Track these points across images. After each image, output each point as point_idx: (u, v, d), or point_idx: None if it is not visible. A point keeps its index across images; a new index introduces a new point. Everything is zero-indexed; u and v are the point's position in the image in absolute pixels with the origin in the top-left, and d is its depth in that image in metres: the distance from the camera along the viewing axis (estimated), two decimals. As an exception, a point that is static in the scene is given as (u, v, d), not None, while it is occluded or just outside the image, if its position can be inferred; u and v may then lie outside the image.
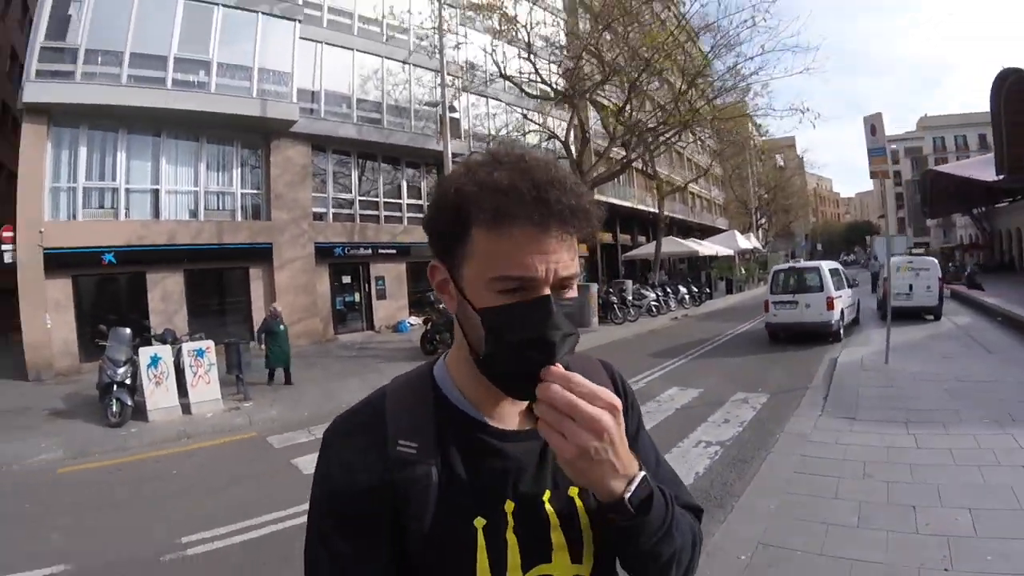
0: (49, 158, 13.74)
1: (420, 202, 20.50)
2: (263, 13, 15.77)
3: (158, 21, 14.34)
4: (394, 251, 19.86)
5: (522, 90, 18.91)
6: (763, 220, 53.32)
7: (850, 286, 15.72)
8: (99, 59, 13.73)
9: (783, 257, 45.49)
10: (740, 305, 25.45)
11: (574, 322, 0.80)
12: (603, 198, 26.68)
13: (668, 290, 22.83)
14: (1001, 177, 33.28)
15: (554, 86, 18.91)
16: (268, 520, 4.98)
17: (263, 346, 11.23)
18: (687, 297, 23.54)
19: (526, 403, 0.81)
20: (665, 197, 28.68)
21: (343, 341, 17.61)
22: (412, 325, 18.36)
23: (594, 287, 18.61)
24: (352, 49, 18.38)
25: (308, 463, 6.47)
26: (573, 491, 0.86)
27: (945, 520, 3.92)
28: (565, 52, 19.53)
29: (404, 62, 18.70)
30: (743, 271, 37.33)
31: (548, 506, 0.85)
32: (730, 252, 33.31)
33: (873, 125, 10.25)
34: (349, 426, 0.87)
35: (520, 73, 18.51)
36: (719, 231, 42.25)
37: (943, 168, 48.05)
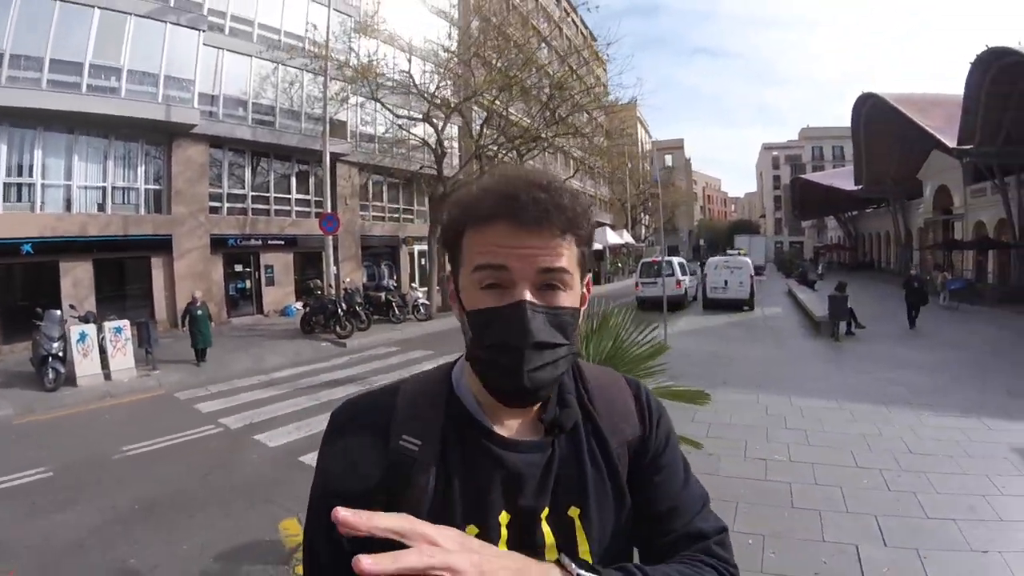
0: (-33, 156, 14.83)
1: (308, 197, 22.49)
2: (171, 23, 17.42)
3: (76, 29, 15.68)
4: (283, 242, 21.68)
5: (391, 111, 20.93)
6: (644, 216, 58.18)
7: (692, 274, 22.16)
8: (21, 63, 14.99)
9: (657, 252, 50.69)
10: (603, 294, 29.00)
11: (565, 333, 0.79)
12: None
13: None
14: (859, 187, 39.07)
15: (433, 94, 20.94)
16: (177, 436, 7.83)
17: (185, 329, 12.98)
18: (547, 285, 27.24)
19: (535, 413, 0.86)
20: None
21: (235, 324, 19.31)
22: (297, 309, 19.56)
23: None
24: (250, 56, 20.13)
25: (207, 407, 9.45)
26: (574, 512, 0.83)
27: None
28: (452, 59, 21.76)
29: (301, 68, 20.16)
30: (615, 264, 41.86)
31: (545, 524, 0.82)
32: (599, 246, 37.29)
33: (652, 159, 14.21)
34: (356, 412, 0.87)
35: (404, 76, 20.51)
36: (606, 224, 46.08)
37: (809, 176, 54.68)
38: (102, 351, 11.32)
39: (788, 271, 40.39)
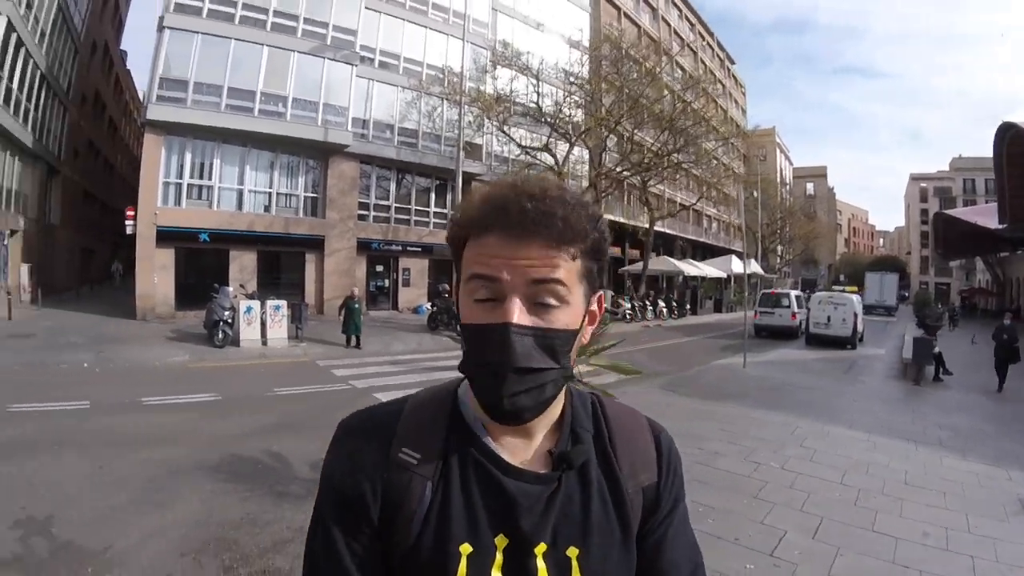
0: (163, 160, 18.34)
1: (445, 211, 24.50)
2: (328, 59, 20.25)
3: (249, 63, 18.89)
4: (420, 249, 23.92)
5: (516, 141, 22.32)
6: (776, 246, 55.38)
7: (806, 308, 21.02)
8: (204, 90, 18.29)
9: (790, 284, 48.46)
10: (718, 323, 28.51)
11: (555, 356, 0.76)
12: (611, 216, 30.50)
13: (647, 302, 26.58)
14: (1003, 226, 34.84)
15: (559, 119, 22.09)
16: (314, 387, 9.80)
17: (341, 317, 15.10)
18: (664, 310, 27.26)
19: (539, 442, 0.85)
20: (667, 218, 32.27)
21: (372, 316, 20.99)
22: (427, 308, 21.00)
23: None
24: (396, 86, 22.68)
25: (341, 372, 11.36)
26: (572, 552, 0.81)
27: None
28: (583, 85, 22.80)
29: (441, 97, 22.10)
30: (739, 294, 40.53)
31: (541, 560, 0.79)
32: (721, 274, 36.51)
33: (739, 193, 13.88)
34: (360, 422, 0.87)
35: (532, 106, 21.91)
36: (738, 253, 44.44)
37: (954, 212, 48.44)
38: (262, 323, 14.13)
39: (921, 315, 36.38)
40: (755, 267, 45.76)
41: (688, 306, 31.41)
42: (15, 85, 19.01)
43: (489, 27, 25.46)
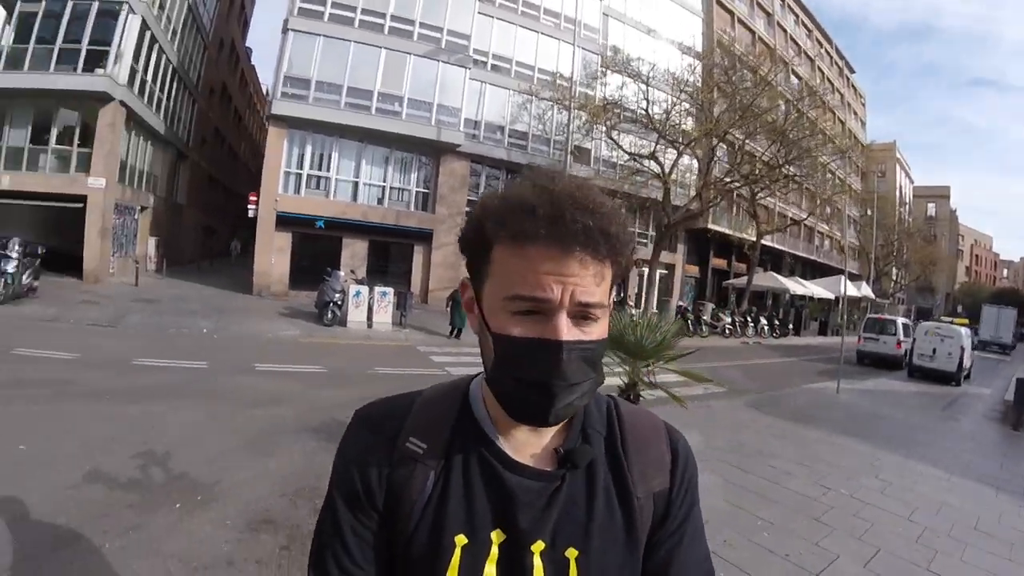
0: (285, 152, 19.70)
1: None
2: (442, 62, 20.91)
3: (367, 64, 19.90)
4: None
5: (623, 148, 22.05)
6: (891, 269, 51.55)
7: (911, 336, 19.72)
8: (325, 88, 19.47)
9: (902, 312, 45.14)
10: (821, 346, 26.64)
11: (595, 367, 0.77)
12: (716, 227, 29.66)
13: (748, 318, 25.57)
14: None
15: (667, 127, 21.52)
16: (412, 369, 10.21)
17: (448, 309, 15.64)
18: (766, 327, 26.13)
19: (549, 440, 0.84)
20: (775, 233, 30.97)
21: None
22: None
23: (673, 302, 22.26)
24: (508, 89, 22.99)
25: (438, 358, 11.73)
26: (571, 553, 0.80)
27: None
28: (694, 92, 22.08)
29: (550, 101, 21.99)
30: (851, 317, 38.03)
31: (538, 559, 0.79)
32: (829, 295, 34.60)
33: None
34: (374, 411, 0.90)
35: (641, 113, 21.45)
36: (850, 275, 41.64)
37: None
38: (369, 307, 14.99)
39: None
40: (866, 290, 43.06)
41: (791, 326, 29.90)
42: (149, 78, 20.90)
43: (600, 32, 25.45)
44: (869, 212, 43.36)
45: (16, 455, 4.85)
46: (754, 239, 28.37)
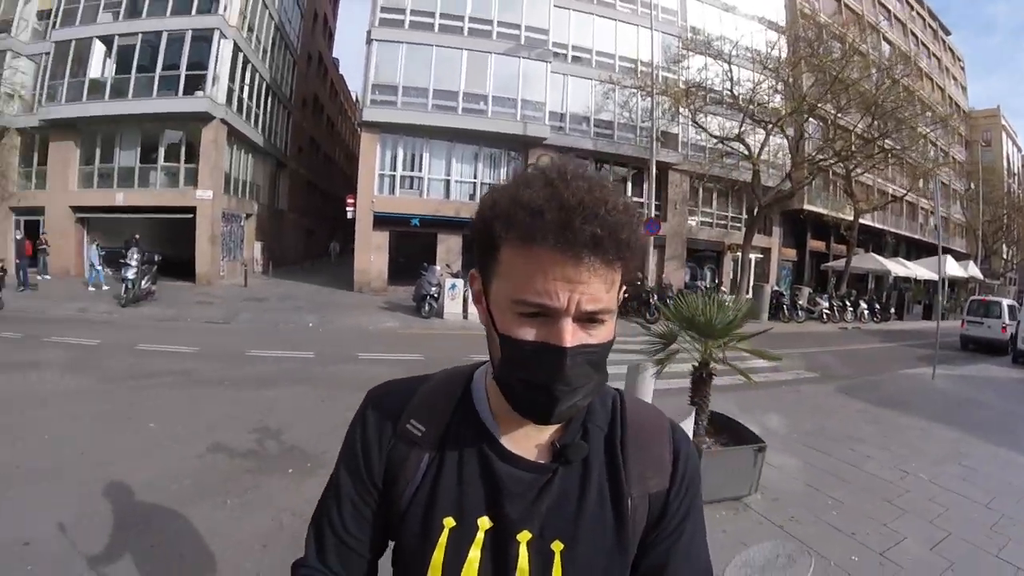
0: (378, 155, 20.60)
1: (641, 200, 23.29)
2: (523, 58, 21.17)
3: (450, 66, 20.46)
4: None
5: (708, 131, 21.52)
6: (1000, 247, 47.75)
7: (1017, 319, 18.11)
8: (412, 93, 20.22)
9: (1013, 294, 41.93)
10: (924, 330, 24.65)
11: (598, 369, 0.77)
12: (812, 208, 28.40)
13: (846, 303, 24.40)
14: None
15: (755, 106, 21.00)
16: None
17: None
18: (866, 312, 24.86)
19: (548, 433, 0.85)
20: (873, 211, 29.40)
21: None
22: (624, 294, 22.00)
23: (767, 287, 21.56)
24: (590, 79, 22.90)
25: None
26: (557, 546, 0.81)
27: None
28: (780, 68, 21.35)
29: (633, 88, 22.09)
30: (957, 300, 35.70)
31: (524, 548, 0.81)
32: (933, 276, 32.52)
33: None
34: (383, 392, 0.94)
35: (726, 93, 21.03)
36: (956, 253, 39.24)
37: None
38: (464, 299, 15.48)
39: None
40: (973, 270, 40.21)
41: (893, 310, 28.33)
42: (246, 95, 22.60)
43: (678, 14, 24.90)
44: (974, 185, 40.60)
45: (148, 432, 5.59)
46: (850, 219, 27.07)
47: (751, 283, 22.51)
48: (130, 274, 14.04)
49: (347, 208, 21.08)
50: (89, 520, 3.72)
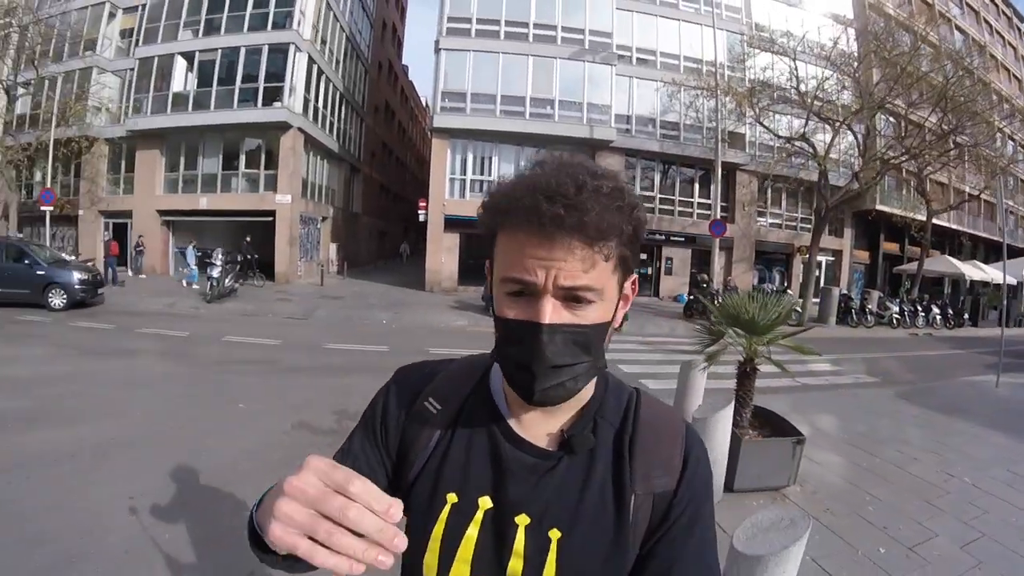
0: (448, 160, 21.37)
1: (708, 201, 23.53)
2: (587, 61, 21.52)
3: (517, 72, 21.05)
4: (683, 239, 23.97)
5: (773, 132, 20.98)
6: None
7: None
8: (480, 99, 20.90)
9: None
10: (999, 338, 24.27)
11: (588, 350, 0.77)
12: (884, 208, 27.70)
13: (918, 307, 23.59)
14: None
15: (822, 103, 20.41)
16: None
17: None
18: (938, 317, 23.99)
19: (557, 422, 0.87)
20: (948, 211, 28.19)
21: (634, 301, 22.47)
22: (688, 297, 20.35)
23: (835, 291, 21.15)
24: (655, 81, 23.05)
25: None
26: (555, 534, 0.82)
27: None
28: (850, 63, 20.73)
29: (698, 88, 21.53)
30: (1006, 302, 33.80)
31: (521, 531, 0.82)
32: (1011, 280, 31.06)
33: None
34: (409, 370, 0.99)
35: (792, 91, 20.48)
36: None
37: None
38: None
39: None
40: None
41: (967, 315, 27.18)
42: (320, 104, 23.82)
43: (743, 11, 24.78)
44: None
45: (237, 412, 6.30)
46: (923, 219, 26.16)
47: (820, 286, 22.12)
48: (215, 272, 15.40)
49: (419, 211, 21.81)
50: (194, 478, 4.46)
